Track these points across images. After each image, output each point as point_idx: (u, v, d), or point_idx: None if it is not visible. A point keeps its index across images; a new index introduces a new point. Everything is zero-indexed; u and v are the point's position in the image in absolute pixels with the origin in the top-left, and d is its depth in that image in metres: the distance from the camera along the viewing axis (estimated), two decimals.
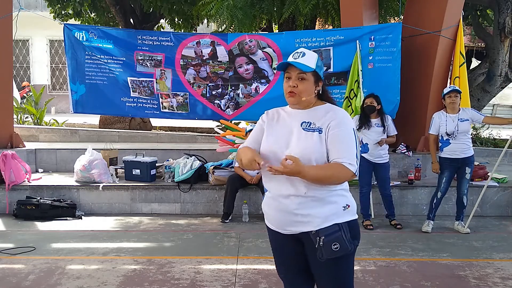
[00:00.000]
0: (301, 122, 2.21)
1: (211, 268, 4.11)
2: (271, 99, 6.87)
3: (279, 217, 2.23)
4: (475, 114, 5.12)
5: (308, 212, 2.14)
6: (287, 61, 2.20)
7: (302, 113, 2.24)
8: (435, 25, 6.55)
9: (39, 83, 15.94)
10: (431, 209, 5.29)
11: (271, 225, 2.31)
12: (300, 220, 2.16)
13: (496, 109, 16.31)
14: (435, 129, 5.19)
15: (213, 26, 11.50)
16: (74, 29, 7.02)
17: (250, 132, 5.85)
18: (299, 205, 2.14)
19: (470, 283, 3.84)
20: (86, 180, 6.17)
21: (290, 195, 2.16)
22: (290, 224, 2.19)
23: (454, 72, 6.50)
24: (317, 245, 2.11)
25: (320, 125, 2.16)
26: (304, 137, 2.16)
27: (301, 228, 2.17)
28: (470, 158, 5.14)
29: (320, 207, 2.14)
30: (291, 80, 2.20)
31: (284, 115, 2.31)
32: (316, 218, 2.13)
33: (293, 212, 2.16)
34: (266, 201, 2.31)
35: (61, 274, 3.96)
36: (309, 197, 2.14)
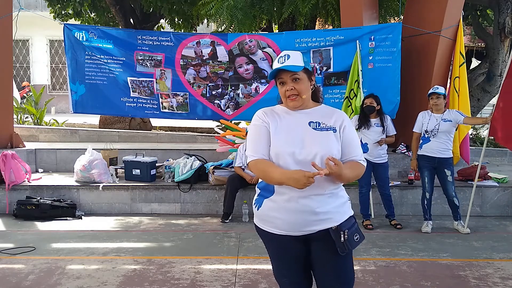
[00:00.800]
0: (307, 122, 2.22)
1: (211, 268, 4.11)
2: (271, 99, 6.85)
3: (295, 219, 2.18)
4: (458, 115, 5.17)
5: (327, 209, 2.17)
6: (276, 67, 2.20)
7: (304, 113, 2.25)
8: (435, 25, 6.55)
9: (39, 83, 15.95)
10: (425, 209, 5.31)
11: (279, 229, 2.23)
12: (321, 218, 2.17)
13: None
14: (418, 127, 5.29)
15: (213, 26, 11.50)
16: (74, 29, 7.02)
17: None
18: (319, 203, 2.16)
19: (470, 283, 3.84)
20: (86, 180, 6.17)
21: (311, 194, 2.14)
22: (309, 224, 2.17)
23: (454, 72, 6.50)
24: (342, 239, 2.13)
25: (331, 124, 2.21)
26: (320, 136, 2.18)
27: (322, 226, 2.17)
28: (448, 160, 5.16)
29: (335, 203, 2.20)
30: (287, 84, 2.21)
31: (284, 115, 2.27)
32: (335, 213, 2.18)
33: (314, 211, 2.15)
34: (274, 206, 2.22)
35: (61, 274, 3.96)
36: (326, 194, 2.18)
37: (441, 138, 5.10)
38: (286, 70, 2.18)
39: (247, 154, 2.27)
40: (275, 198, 2.22)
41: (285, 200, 2.18)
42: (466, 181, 6.22)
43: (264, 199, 2.26)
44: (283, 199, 2.18)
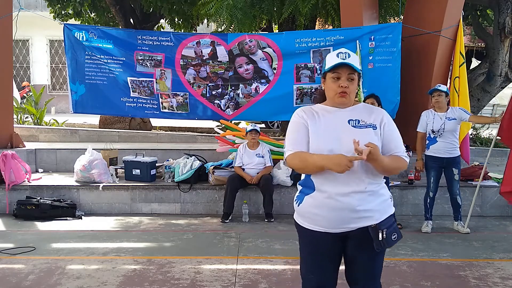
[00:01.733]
0: (347, 120, 2.25)
1: (211, 268, 4.11)
2: (271, 99, 6.88)
3: (334, 216, 2.21)
4: (463, 113, 5.15)
5: (368, 207, 2.20)
6: (341, 62, 2.20)
7: (343, 111, 2.28)
8: (435, 25, 6.55)
9: (39, 83, 15.95)
10: (426, 209, 5.31)
11: (318, 226, 2.25)
12: (362, 215, 2.19)
13: (496, 109, 16.30)
14: (422, 127, 5.26)
15: (213, 26, 11.50)
16: (74, 29, 7.02)
17: (250, 132, 5.90)
18: (360, 201, 2.18)
19: (470, 283, 3.84)
20: (86, 180, 6.17)
21: (350, 192, 2.17)
22: (349, 221, 2.20)
23: (454, 72, 6.50)
24: (380, 238, 2.17)
25: (371, 121, 2.25)
26: (361, 134, 2.20)
27: (361, 224, 2.20)
28: (456, 159, 5.15)
29: (376, 201, 2.23)
30: (341, 80, 2.22)
31: (323, 113, 2.29)
32: (375, 212, 2.21)
33: (355, 209, 2.18)
34: (314, 203, 2.25)
35: (61, 274, 3.96)
36: (367, 192, 2.20)
37: (447, 137, 5.08)
38: (346, 66, 2.20)
39: (285, 149, 2.30)
40: (316, 195, 2.24)
41: (326, 197, 2.21)
42: (466, 181, 6.21)
43: (305, 196, 2.29)
44: (323, 196, 2.22)
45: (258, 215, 5.90)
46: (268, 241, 4.89)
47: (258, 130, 5.87)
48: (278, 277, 3.93)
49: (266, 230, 5.33)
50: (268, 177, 5.74)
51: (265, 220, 5.68)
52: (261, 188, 5.71)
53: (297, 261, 4.24)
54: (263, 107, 6.95)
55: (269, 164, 5.86)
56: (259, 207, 5.96)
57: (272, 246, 4.73)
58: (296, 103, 6.81)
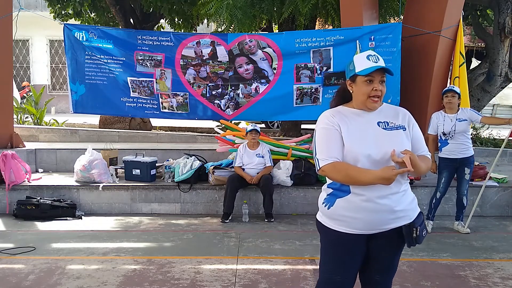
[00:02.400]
0: (376, 122, 2.24)
1: (211, 268, 4.11)
2: (271, 99, 6.87)
3: (374, 218, 2.20)
4: (473, 114, 5.13)
5: (403, 207, 2.23)
6: (380, 65, 2.19)
7: (370, 114, 2.27)
8: (435, 25, 6.54)
9: (39, 83, 15.96)
10: (430, 209, 5.30)
11: (353, 228, 2.23)
12: (399, 216, 2.22)
13: (496, 109, 16.30)
14: (433, 129, 5.22)
15: (213, 26, 11.50)
16: (74, 29, 7.01)
17: (250, 132, 5.90)
18: (397, 202, 2.21)
19: (470, 283, 3.84)
20: (86, 180, 6.17)
21: (388, 194, 2.18)
22: (387, 222, 2.22)
23: (454, 72, 6.50)
24: (414, 235, 2.20)
25: (400, 123, 2.27)
26: (392, 136, 2.21)
27: (398, 223, 2.22)
28: (469, 159, 5.14)
29: (407, 200, 2.26)
30: (375, 84, 2.21)
31: (352, 116, 2.27)
32: (409, 211, 2.25)
33: (393, 210, 2.20)
34: (351, 206, 2.21)
35: (61, 274, 3.96)
36: (401, 192, 2.24)
37: (458, 139, 5.06)
38: (380, 70, 2.19)
39: (319, 157, 2.23)
40: (351, 198, 2.21)
41: (363, 200, 2.18)
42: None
43: (337, 199, 2.25)
44: (360, 199, 2.19)
45: (258, 215, 5.90)
46: (268, 241, 4.89)
47: (258, 130, 5.88)
48: (278, 277, 3.93)
49: (266, 230, 5.33)
50: (268, 177, 5.74)
51: (265, 220, 5.68)
52: (261, 188, 5.71)
53: (297, 261, 4.26)
54: (263, 107, 6.94)
55: (269, 164, 5.86)
56: (259, 207, 5.96)
57: (272, 246, 4.73)
58: (296, 103, 6.81)
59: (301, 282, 3.82)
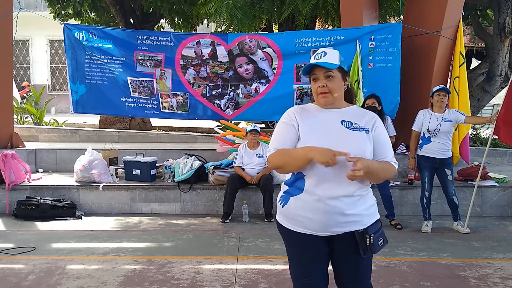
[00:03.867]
0: (340, 120, 2.21)
1: (211, 268, 4.11)
2: (271, 99, 6.88)
3: (323, 219, 2.16)
4: (458, 115, 5.17)
5: (357, 211, 2.17)
6: (311, 62, 2.20)
7: (337, 112, 2.24)
8: (435, 25, 6.54)
9: (39, 83, 15.95)
10: (424, 209, 5.32)
11: (306, 229, 2.20)
12: (350, 220, 2.16)
13: (496, 109, 16.28)
14: (418, 126, 5.26)
15: (213, 26, 11.50)
16: (74, 29, 7.02)
17: (250, 133, 5.90)
18: (349, 205, 2.15)
19: (470, 283, 3.84)
20: (86, 180, 6.17)
21: (340, 196, 2.14)
22: (337, 225, 2.16)
23: (454, 72, 6.50)
24: (367, 243, 2.15)
25: (363, 125, 2.21)
26: (354, 136, 2.18)
27: (350, 228, 2.17)
28: (448, 160, 5.18)
29: (364, 205, 2.21)
30: (319, 81, 2.21)
31: (316, 113, 2.25)
32: (364, 216, 2.19)
33: (343, 213, 2.14)
34: (302, 204, 2.19)
35: (61, 274, 3.96)
36: (356, 196, 2.17)
37: (441, 138, 5.11)
38: (320, 66, 2.18)
39: (268, 149, 2.26)
40: (304, 197, 2.18)
41: (315, 200, 2.15)
42: (466, 181, 6.22)
43: (291, 197, 2.23)
44: (312, 199, 2.16)
45: (258, 215, 5.90)
46: (268, 241, 4.88)
47: (258, 130, 5.87)
48: (278, 277, 3.93)
49: (266, 230, 5.33)
50: (268, 177, 5.74)
51: (265, 220, 5.68)
52: (261, 188, 5.71)
53: None
54: (263, 107, 6.95)
55: None
56: (259, 207, 5.96)
57: (272, 246, 4.73)
58: (296, 103, 6.81)
59: None
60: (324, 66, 2.17)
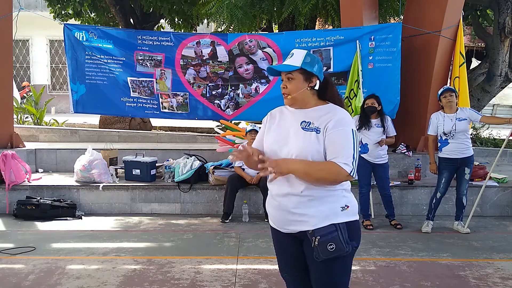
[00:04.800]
0: (301, 121, 2.22)
1: (211, 268, 4.11)
2: (271, 99, 6.87)
3: (278, 216, 2.26)
4: (473, 113, 5.13)
5: (305, 211, 2.15)
6: (269, 66, 2.29)
7: (303, 112, 2.26)
8: (435, 25, 6.55)
9: (39, 83, 15.93)
10: (430, 209, 5.30)
11: (273, 224, 2.33)
12: (297, 219, 2.17)
13: (496, 109, 16.31)
14: (433, 129, 5.21)
15: (213, 26, 11.50)
16: (74, 29, 7.02)
17: (250, 133, 5.91)
18: (297, 204, 2.16)
19: (470, 283, 3.84)
20: (86, 180, 6.17)
21: (287, 193, 2.18)
22: (288, 223, 2.22)
23: (454, 72, 6.50)
24: (312, 245, 2.12)
25: (318, 125, 2.16)
26: (302, 137, 2.17)
27: (298, 227, 2.19)
28: (469, 158, 5.13)
29: (317, 207, 2.14)
30: (282, 82, 2.30)
31: (287, 114, 2.33)
32: (312, 217, 2.14)
33: (290, 211, 2.18)
34: (268, 200, 2.34)
35: (61, 274, 3.96)
36: (305, 196, 2.14)
37: (459, 138, 5.04)
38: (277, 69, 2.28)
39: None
40: (269, 193, 2.33)
41: (270, 196, 2.31)
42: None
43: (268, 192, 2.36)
44: (269, 195, 2.32)
45: (258, 215, 5.90)
46: (268, 241, 4.88)
47: (258, 130, 5.85)
48: (278, 277, 3.90)
49: (266, 230, 5.33)
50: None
51: (265, 220, 5.67)
52: (261, 188, 5.70)
53: None
54: (263, 107, 6.91)
55: None
56: (259, 207, 5.96)
57: (272, 246, 4.65)
58: None
59: None
60: (278, 69, 2.28)
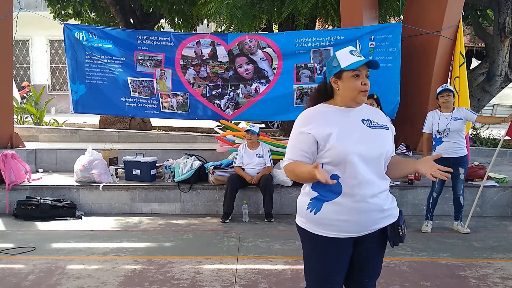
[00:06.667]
0: (360, 119, 2.21)
1: (211, 268, 4.11)
2: (271, 99, 6.87)
3: (364, 219, 2.13)
4: (469, 113, 5.14)
5: (391, 205, 2.23)
6: (364, 60, 2.17)
7: (354, 111, 2.22)
8: (435, 25, 6.55)
9: (39, 83, 15.94)
10: (428, 209, 5.31)
11: (342, 232, 2.14)
12: (387, 214, 2.20)
13: (496, 109, 16.29)
14: (429, 127, 5.23)
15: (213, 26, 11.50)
16: (74, 29, 7.02)
17: (246, 133, 5.90)
18: (385, 200, 2.19)
19: (470, 283, 3.84)
20: (86, 180, 6.17)
21: (378, 192, 2.16)
22: (376, 222, 2.17)
23: (454, 72, 6.50)
24: (400, 233, 2.20)
25: (381, 122, 2.25)
26: (379, 134, 2.21)
27: (386, 223, 2.20)
28: (462, 158, 5.14)
29: (389, 198, 2.24)
30: (362, 78, 2.17)
31: (334, 113, 2.19)
32: (394, 209, 2.25)
33: (382, 209, 2.17)
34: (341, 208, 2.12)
35: (61, 274, 3.96)
36: (387, 191, 2.23)
37: (453, 137, 5.06)
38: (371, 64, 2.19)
39: (284, 158, 2.25)
40: (342, 200, 2.11)
41: (356, 200, 2.11)
42: (466, 181, 6.19)
43: (324, 202, 2.14)
44: (352, 200, 2.11)
45: (258, 215, 5.90)
46: (268, 241, 4.89)
47: (254, 131, 5.81)
48: (278, 277, 3.93)
49: (266, 230, 5.33)
50: (268, 177, 5.74)
51: (265, 220, 5.68)
52: (261, 188, 5.70)
53: (297, 261, 4.25)
54: (263, 107, 6.95)
55: (269, 164, 5.85)
56: (259, 207, 5.96)
57: (272, 246, 4.73)
58: (296, 103, 6.81)
59: (301, 282, 3.81)
60: (377, 64, 2.21)
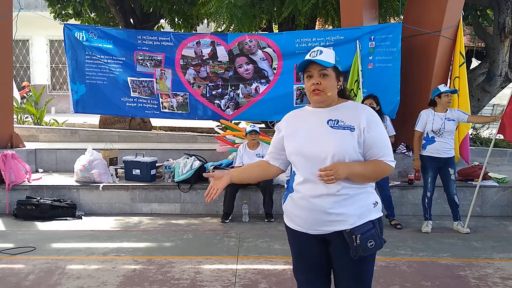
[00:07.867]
0: (326, 120, 2.18)
1: (211, 268, 4.11)
2: (271, 99, 6.88)
3: (308, 217, 2.18)
4: (461, 114, 5.19)
5: (342, 211, 2.13)
6: (306, 58, 2.18)
7: (325, 111, 2.21)
8: (435, 25, 6.54)
9: (39, 83, 15.93)
10: (425, 209, 5.32)
11: (297, 226, 2.26)
12: (334, 219, 2.14)
13: (496, 109, 16.31)
14: (422, 126, 5.23)
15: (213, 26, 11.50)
16: (74, 29, 7.02)
17: (250, 134, 5.92)
18: (333, 203, 2.13)
19: (470, 283, 3.84)
20: (86, 180, 6.17)
21: (322, 194, 2.13)
22: (322, 224, 2.16)
23: (454, 72, 6.50)
24: (354, 244, 2.10)
25: (349, 123, 2.15)
26: (336, 136, 2.14)
27: (335, 228, 2.15)
28: (451, 159, 5.18)
29: (353, 205, 2.15)
30: (313, 78, 2.18)
31: (307, 115, 2.27)
32: (350, 216, 2.13)
33: (327, 212, 2.13)
34: (292, 202, 2.26)
35: (61, 274, 3.96)
36: (341, 196, 2.13)
37: (445, 137, 5.10)
38: (315, 63, 2.16)
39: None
40: (293, 195, 2.25)
41: (299, 198, 2.21)
42: (466, 181, 6.22)
43: (288, 194, 2.30)
44: (298, 197, 2.22)
45: (258, 215, 5.90)
46: (268, 241, 4.89)
47: (258, 130, 5.86)
48: (278, 277, 3.93)
49: (266, 230, 5.33)
50: None
51: (265, 220, 5.68)
52: (261, 188, 5.71)
53: None
54: (263, 107, 6.95)
55: None
56: (259, 207, 5.96)
57: (272, 246, 4.73)
58: (296, 103, 6.81)
59: None
60: (319, 63, 2.16)
